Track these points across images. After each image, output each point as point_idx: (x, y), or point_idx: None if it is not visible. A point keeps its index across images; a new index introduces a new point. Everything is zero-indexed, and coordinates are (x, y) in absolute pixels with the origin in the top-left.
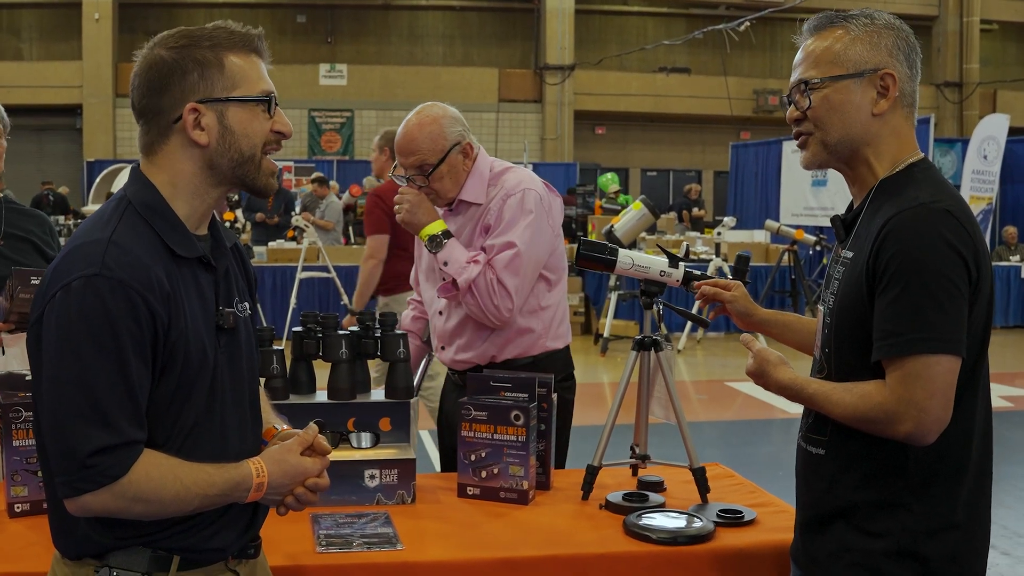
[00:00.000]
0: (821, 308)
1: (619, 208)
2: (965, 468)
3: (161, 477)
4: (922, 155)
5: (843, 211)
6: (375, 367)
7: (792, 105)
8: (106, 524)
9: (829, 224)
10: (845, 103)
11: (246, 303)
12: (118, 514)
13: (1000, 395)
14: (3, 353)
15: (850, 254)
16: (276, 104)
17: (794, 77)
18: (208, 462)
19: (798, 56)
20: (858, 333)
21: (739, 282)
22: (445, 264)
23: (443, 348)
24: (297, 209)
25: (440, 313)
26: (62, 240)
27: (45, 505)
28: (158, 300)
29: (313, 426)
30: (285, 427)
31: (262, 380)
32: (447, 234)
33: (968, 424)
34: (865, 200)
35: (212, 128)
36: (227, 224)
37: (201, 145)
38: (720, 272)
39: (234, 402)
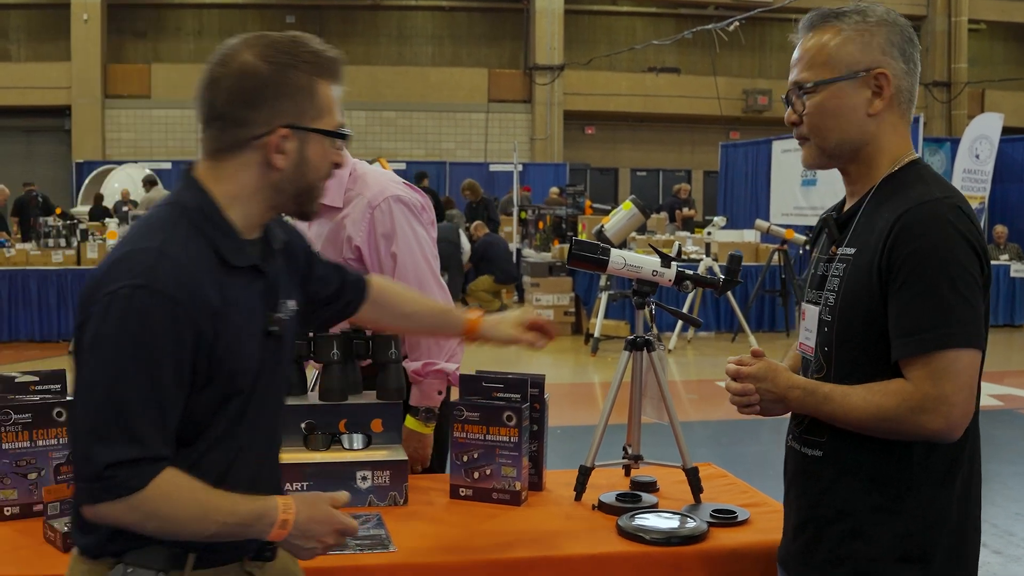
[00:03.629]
0: (809, 308)
1: (608, 209)
2: (959, 466)
3: (180, 497)
4: (916, 155)
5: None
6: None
7: (790, 107)
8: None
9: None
10: (840, 107)
11: (292, 301)
12: (132, 527)
13: (989, 393)
14: None
15: (851, 251)
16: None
17: (791, 77)
18: (232, 466)
19: (794, 55)
20: (867, 331)
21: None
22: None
23: None
24: None
25: None
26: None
27: (38, 508)
28: (204, 316)
29: (346, 495)
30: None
31: None
32: (429, 415)
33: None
34: (864, 197)
35: (291, 154)
36: None
37: (276, 168)
38: (710, 271)
39: (272, 405)
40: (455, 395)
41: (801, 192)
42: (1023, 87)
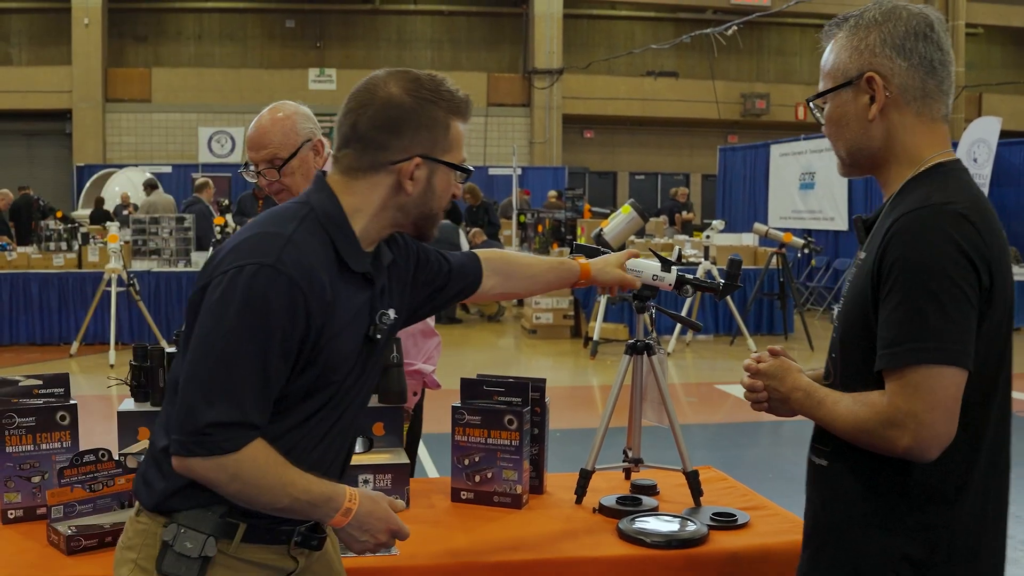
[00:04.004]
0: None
1: (607, 212)
2: (969, 483)
3: (266, 466)
4: (953, 155)
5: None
6: None
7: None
8: (191, 484)
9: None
10: (843, 115)
11: (392, 311)
12: (215, 485)
13: None
14: None
15: (863, 255)
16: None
17: None
18: (301, 454)
19: None
20: (863, 340)
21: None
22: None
23: None
24: None
25: None
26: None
27: (41, 511)
28: (318, 304)
29: (402, 502)
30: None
31: None
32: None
33: (976, 441)
34: (889, 200)
35: (421, 181)
36: (217, 228)
37: (406, 192)
38: (709, 275)
39: (354, 407)
40: (457, 399)
41: (799, 196)
42: (1021, 91)
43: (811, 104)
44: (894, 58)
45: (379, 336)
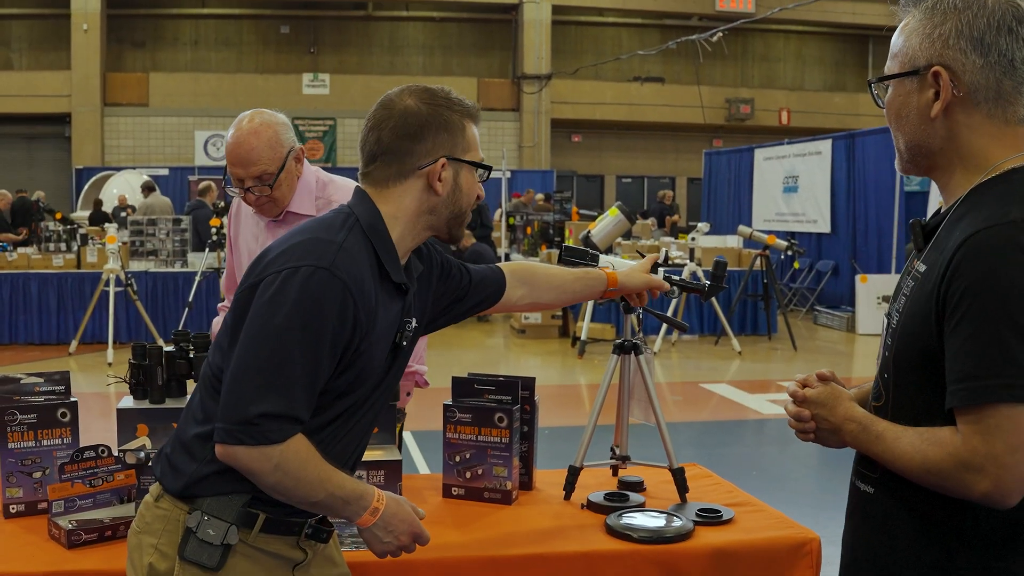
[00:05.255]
0: (885, 320)
1: (595, 215)
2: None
3: (307, 459)
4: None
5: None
6: None
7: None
8: (219, 472)
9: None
10: (904, 105)
11: (414, 319)
12: (257, 474)
13: None
14: None
15: (923, 268)
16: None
17: None
18: (332, 448)
19: None
20: (921, 365)
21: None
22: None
23: None
24: None
25: None
26: None
27: (42, 506)
28: (364, 309)
29: (422, 510)
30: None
31: None
32: (399, 414)
33: None
34: (952, 206)
35: (448, 182)
36: (213, 230)
37: (436, 193)
38: (694, 276)
39: (376, 410)
40: (448, 397)
41: (783, 198)
42: None
43: (872, 86)
44: (969, 53)
45: (404, 343)
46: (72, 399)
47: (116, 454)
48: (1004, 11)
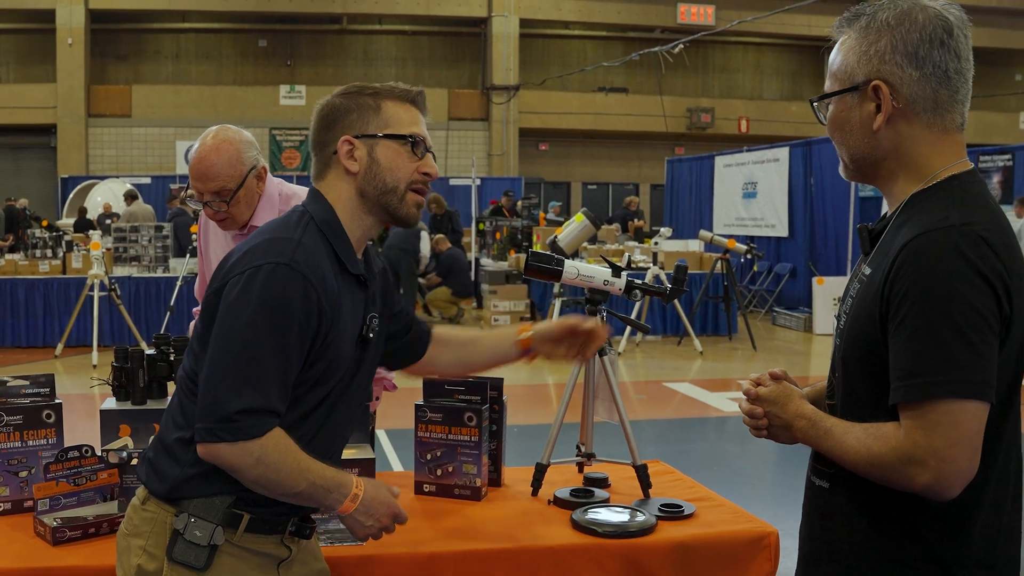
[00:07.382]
0: (835, 321)
1: (562, 221)
2: (976, 515)
3: (286, 451)
4: (969, 165)
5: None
6: None
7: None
8: (202, 474)
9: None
10: (847, 120)
11: (379, 319)
12: (239, 470)
13: None
14: None
15: (868, 271)
16: (428, 149)
17: None
18: (310, 442)
19: None
20: (867, 363)
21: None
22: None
23: None
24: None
25: None
26: None
27: (28, 504)
28: (327, 300)
29: (398, 488)
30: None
31: None
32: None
33: (986, 471)
34: (896, 211)
35: (362, 160)
36: (194, 236)
37: (352, 173)
38: (657, 280)
39: (348, 405)
40: (419, 397)
41: (742, 204)
42: (981, 106)
43: (814, 104)
44: (905, 66)
45: (371, 335)
46: (57, 401)
47: (99, 454)
48: (935, 25)
